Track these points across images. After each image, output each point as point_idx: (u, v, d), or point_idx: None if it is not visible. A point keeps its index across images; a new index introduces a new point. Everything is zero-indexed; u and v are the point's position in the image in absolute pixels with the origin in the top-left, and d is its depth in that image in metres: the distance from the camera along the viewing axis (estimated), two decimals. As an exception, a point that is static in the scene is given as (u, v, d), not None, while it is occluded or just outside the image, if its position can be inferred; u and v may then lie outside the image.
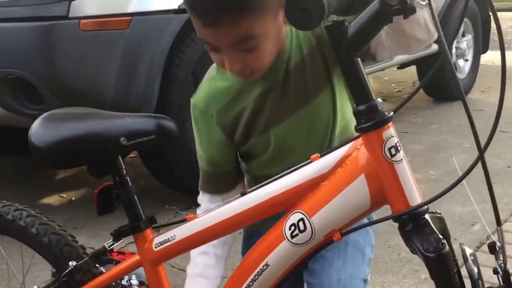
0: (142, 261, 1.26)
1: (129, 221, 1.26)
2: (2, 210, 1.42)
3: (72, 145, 1.21)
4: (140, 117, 1.30)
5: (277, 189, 1.11)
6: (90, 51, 2.69)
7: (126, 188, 1.26)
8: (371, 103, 0.98)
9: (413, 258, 2.50)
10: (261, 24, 1.16)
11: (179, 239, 1.21)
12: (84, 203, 3.35)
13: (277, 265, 1.11)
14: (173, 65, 2.92)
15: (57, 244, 1.35)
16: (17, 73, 2.64)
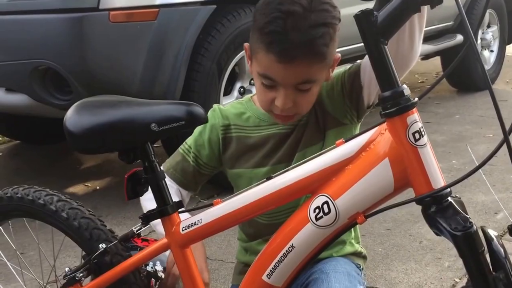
0: (170, 244, 1.28)
1: (157, 205, 1.28)
2: (34, 195, 1.44)
3: (105, 131, 1.23)
4: (170, 104, 1.32)
5: (302, 173, 1.13)
6: (119, 43, 2.71)
7: (155, 173, 1.27)
8: (397, 89, 1.00)
9: (436, 246, 2.50)
10: (322, 72, 1.31)
11: (205, 222, 1.24)
12: (108, 192, 3.38)
13: (302, 247, 1.12)
14: (199, 56, 2.93)
15: (87, 228, 1.37)
16: (48, 64, 2.67)
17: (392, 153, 1.02)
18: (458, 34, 4.93)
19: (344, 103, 1.38)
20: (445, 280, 2.25)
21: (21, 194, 1.45)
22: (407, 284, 2.24)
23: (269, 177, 1.18)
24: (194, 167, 1.48)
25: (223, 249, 2.57)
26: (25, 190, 1.46)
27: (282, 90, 1.29)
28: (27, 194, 1.45)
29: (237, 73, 3.22)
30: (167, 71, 2.82)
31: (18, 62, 2.74)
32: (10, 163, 4.10)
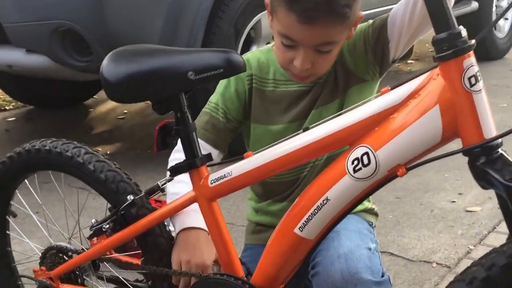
0: (197, 197, 1.24)
1: (186, 158, 1.25)
2: (62, 147, 1.42)
3: (141, 80, 1.20)
4: (208, 52, 1.27)
5: (342, 124, 1.07)
6: (138, 4, 2.71)
7: (187, 124, 1.23)
8: (453, 30, 0.94)
9: (447, 215, 2.49)
10: (342, 34, 1.27)
11: (235, 175, 1.19)
12: (119, 156, 3.37)
13: (337, 200, 1.07)
14: (216, 18, 2.91)
15: (113, 181, 1.35)
16: (68, 25, 2.66)
17: (443, 99, 0.96)
18: (473, 1, 4.80)
19: (366, 58, 1.34)
20: (459, 247, 2.24)
21: (49, 147, 1.43)
22: (420, 249, 2.24)
23: (305, 128, 1.13)
24: (224, 123, 1.43)
25: (232, 213, 2.57)
26: (53, 143, 1.44)
27: (301, 51, 1.26)
28: (55, 146, 1.43)
29: (253, 37, 3.20)
30: (185, 33, 2.81)
31: (39, 23, 2.73)
32: (23, 128, 4.10)
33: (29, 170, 1.54)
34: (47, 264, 1.51)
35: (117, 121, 4.15)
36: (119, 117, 4.21)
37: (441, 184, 2.86)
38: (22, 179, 1.57)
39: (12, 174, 1.53)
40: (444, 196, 2.74)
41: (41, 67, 2.86)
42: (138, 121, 4.11)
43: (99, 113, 4.38)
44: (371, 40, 1.32)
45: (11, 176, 1.54)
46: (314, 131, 1.11)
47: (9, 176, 1.54)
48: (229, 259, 1.25)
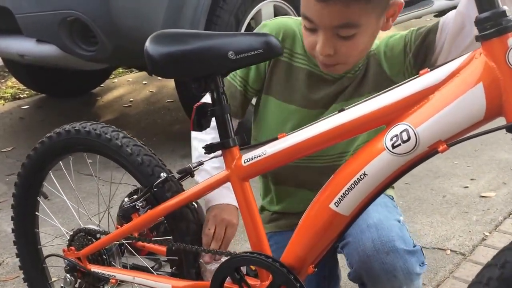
0: (230, 176, 1.25)
1: (220, 138, 1.27)
2: (101, 130, 1.45)
3: (184, 57, 1.22)
4: (247, 35, 1.29)
5: (379, 103, 1.05)
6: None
7: (222, 105, 1.26)
8: (498, 9, 0.92)
9: (461, 201, 2.47)
10: (365, 17, 1.19)
11: (270, 154, 1.19)
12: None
13: (375, 175, 1.05)
14: (217, 8, 2.90)
15: (149, 164, 1.38)
16: (76, 14, 2.66)
17: (487, 77, 0.93)
18: None
19: (404, 62, 1.29)
20: (474, 233, 2.21)
21: (89, 128, 1.46)
22: (434, 236, 2.21)
23: (341, 109, 1.10)
24: (241, 91, 1.44)
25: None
26: (93, 125, 1.47)
27: (321, 34, 1.22)
28: (95, 128, 1.46)
29: (253, 27, 3.17)
30: (187, 22, 2.81)
31: (49, 13, 2.73)
32: (35, 115, 4.15)
33: (67, 151, 1.55)
34: (76, 245, 1.55)
35: (124, 109, 4.14)
36: (125, 105, 4.21)
37: (451, 170, 2.82)
38: (58, 160, 1.60)
39: (50, 153, 1.55)
40: (456, 181, 2.70)
41: (50, 57, 2.87)
42: (144, 109, 4.10)
43: (106, 101, 4.38)
44: (414, 43, 1.27)
45: (49, 156, 1.56)
46: (351, 110, 1.09)
47: (46, 156, 1.56)
48: (258, 238, 1.26)
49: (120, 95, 4.49)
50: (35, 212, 1.66)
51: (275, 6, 3.21)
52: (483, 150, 3.01)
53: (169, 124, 3.74)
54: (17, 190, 1.62)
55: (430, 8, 4.31)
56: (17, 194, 1.63)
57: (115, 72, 4.95)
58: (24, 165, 1.59)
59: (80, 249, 1.53)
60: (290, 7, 3.26)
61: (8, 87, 4.83)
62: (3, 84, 4.96)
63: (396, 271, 1.24)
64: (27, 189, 1.61)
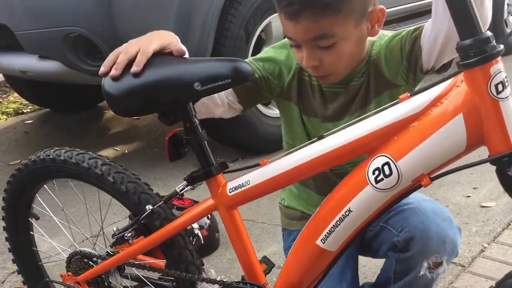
0: (217, 205, 1.22)
1: (201, 167, 1.21)
2: (77, 158, 1.37)
3: (146, 92, 1.15)
4: (214, 61, 1.22)
5: (359, 132, 1.02)
6: (147, 8, 2.66)
7: (197, 134, 1.20)
8: (481, 36, 0.87)
9: (462, 211, 2.43)
10: (339, 26, 1.18)
11: (254, 184, 1.16)
12: (137, 155, 3.40)
13: (360, 211, 1.03)
14: (226, 21, 2.87)
15: (134, 192, 1.31)
16: (79, 31, 2.63)
17: (468, 107, 0.90)
18: None
19: (401, 64, 1.28)
20: (473, 245, 2.18)
21: (64, 157, 1.39)
22: (434, 248, 2.21)
23: (320, 136, 1.08)
24: (258, 88, 1.38)
25: (253, 209, 2.53)
26: (68, 153, 1.39)
27: (304, 48, 1.22)
28: (70, 157, 1.38)
29: (263, 39, 3.15)
30: (196, 37, 2.77)
31: (51, 29, 2.70)
32: (40, 130, 4.11)
33: (47, 177, 1.51)
34: (73, 268, 1.51)
35: (132, 121, 4.14)
36: (134, 118, 4.19)
37: (456, 178, 2.79)
38: (41, 185, 1.55)
39: (30, 180, 1.51)
40: (459, 190, 2.68)
41: (54, 73, 2.85)
42: (153, 120, 4.10)
43: (114, 114, 4.36)
44: (407, 47, 1.25)
45: (29, 182, 1.52)
46: (330, 139, 1.07)
47: (26, 182, 1.52)
48: (251, 266, 1.24)
49: (128, 108, 4.49)
50: (29, 232, 1.62)
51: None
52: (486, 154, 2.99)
53: None
54: (5, 213, 1.58)
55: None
56: (6, 217, 1.59)
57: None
58: (6, 190, 1.54)
59: (78, 273, 1.49)
60: None
61: (10, 102, 4.75)
62: (5, 99, 4.86)
63: (447, 237, 1.32)
64: (14, 212, 1.57)
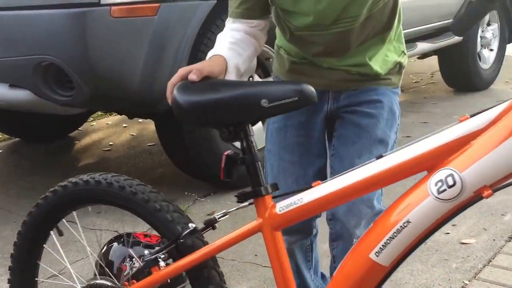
0: (262, 226, 1.24)
1: (251, 186, 1.26)
2: (112, 179, 1.41)
3: (214, 105, 1.23)
4: (281, 83, 1.33)
5: (419, 150, 1.07)
6: (120, 38, 2.69)
7: (252, 154, 1.25)
8: None
9: (441, 247, 2.46)
10: None
11: (307, 201, 1.19)
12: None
13: (419, 222, 1.06)
14: (199, 52, 2.90)
15: (168, 210, 1.35)
16: (50, 59, 2.63)
17: None
18: None
19: None
20: (454, 281, 2.21)
21: (98, 179, 1.42)
22: (414, 285, 2.21)
23: (379, 156, 1.13)
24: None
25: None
26: (103, 175, 1.43)
27: None
28: (105, 178, 1.42)
29: (238, 68, 3.20)
30: (168, 66, 2.80)
31: (22, 57, 2.70)
32: (9, 160, 4.09)
33: (78, 203, 1.50)
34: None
35: (103, 153, 4.14)
36: (105, 149, 4.20)
37: (435, 215, 2.84)
38: (73, 210, 1.53)
39: (63, 203, 1.49)
40: (437, 227, 2.72)
41: (24, 102, 2.84)
42: (125, 153, 4.10)
43: (84, 145, 4.37)
44: None
45: (62, 205, 1.50)
46: (390, 157, 1.11)
47: (59, 205, 1.49)
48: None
49: (99, 139, 4.45)
50: (43, 243, 1.57)
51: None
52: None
53: (151, 168, 3.72)
54: (27, 223, 1.54)
55: (413, 50, 4.40)
56: (26, 226, 1.54)
57: (93, 115, 4.88)
58: (38, 205, 1.50)
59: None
60: (273, 51, 3.31)
61: (-23, 131, 4.71)
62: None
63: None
64: (37, 225, 1.53)
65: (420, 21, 4.37)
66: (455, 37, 4.75)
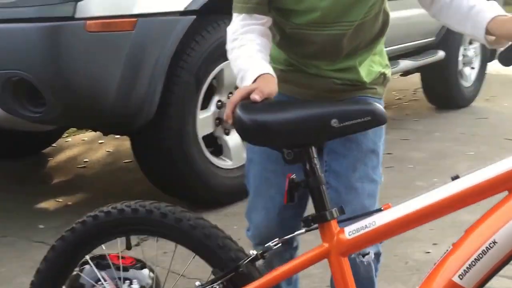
0: (330, 251, 1.23)
1: (316, 210, 1.25)
2: (166, 209, 1.37)
3: (283, 125, 1.22)
4: (351, 103, 1.33)
5: (499, 169, 1.08)
6: (95, 53, 2.67)
7: (316, 176, 1.24)
8: None
9: (422, 267, 2.45)
10: None
11: (380, 224, 1.18)
12: (80, 207, 3.30)
13: (506, 243, 1.05)
14: (177, 68, 2.89)
15: (217, 237, 1.32)
16: (21, 74, 2.60)
17: None
18: (439, 50, 4.91)
19: None
20: (435, 302, 2.23)
21: (150, 208, 1.36)
22: (395, 306, 2.20)
23: (455, 177, 1.12)
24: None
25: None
26: (139, 203, 1.37)
27: None
28: (157, 208, 1.36)
29: (215, 86, 3.18)
30: (144, 83, 2.78)
31: (-9, 72, 2.64)
32: (-21, 177, 4.01)
33: (118, 233, 1.42)
34: None
35: (78, 170, 4.10)
36: (79, 166, 4.16)
37: (415, 235, 2.82)
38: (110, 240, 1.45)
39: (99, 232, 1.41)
40: (418, 246, 2.71)
41: (-7, 118, 2.78)
42: (100, 170, 4.07)
43: (58, 162, 4.32)
44: None
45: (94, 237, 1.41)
46: (467, 178, 1.11)
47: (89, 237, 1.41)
48: None
49: (74, 155, 4.40)
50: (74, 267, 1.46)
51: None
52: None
53: (127, 185, 3.68)
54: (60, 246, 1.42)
55: (396, 68, 4.43)
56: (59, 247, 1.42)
57: (68, 130, 4.85)
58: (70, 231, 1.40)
59: None
60: None
61: None
62: None
63: None
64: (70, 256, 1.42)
65: (403, 38, 4.40)
66: (437, 54, 4.80)
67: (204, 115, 3.10)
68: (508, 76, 6.09)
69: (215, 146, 3.27)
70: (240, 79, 1.37)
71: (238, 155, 3.28)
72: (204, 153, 3.11)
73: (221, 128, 3.24)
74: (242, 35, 1.44)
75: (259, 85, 1.29)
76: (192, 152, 3.02)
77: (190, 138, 3.01)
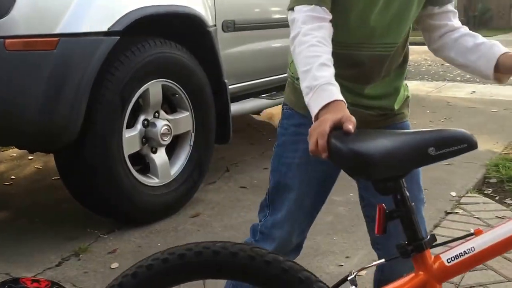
0: (428, 279, 1.25)
1: (408, 241, 1.26)
2: (219, 245, 1.26)
3: (384, 156, 1.19)
4: (444, 130, 1.29)
5: None
6: (15, 72, 2.67)
7: (407, 207, 1.25)
8: None
9: (335, 280, 2.36)
10: None
11: (479, 250, 1.22)
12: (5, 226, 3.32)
13: None
14: (102, 87, 2.92)
15: (293, 269, 1.25)
16: None
17: None
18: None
19: None
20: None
21: (234, 250, 1.25)
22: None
23: None
24: None
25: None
26: (221, 244, 1.26)
27: None
28: (225, 247, 1.25)
29: (141, 105, 3.22)
30: (68, 102, 2.79)
31: None
32: None
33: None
34: None
35: (3, 187, 4.06)
36: (5, 183, 4.11)
37: (330, 248, 2.95)
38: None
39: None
40: (332, 259, 2.81)
41: None
42: (27, 187, 4.03)
43: (-17, 176, 4.26)
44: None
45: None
46: None
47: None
48: None
49: (0, 172, 4.36)
50: None
51: (163, 86, 3.26)
52: (359, 225, 3.16)
53: (54, 204, 3.65)
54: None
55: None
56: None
57: (-4, 146, 4.75)
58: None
59: None
60: (178, 86, 3.33)
61: None
62: None
63: None
64: None
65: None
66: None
67: (130, 134, 3.13)
68: (415, 96, 6.26)
69: (144, 164, 3.31)
70: (309, 88, 1.33)
71: (164, 172, 3.36)
72: (130, 171, 3.14)
73: (147, 147, 3.28)
74: (313, 32, 1.40)
75: (344, 114, 1.25)
76: (118, 170, 3.04)
77: (116, 156, 3.03)
